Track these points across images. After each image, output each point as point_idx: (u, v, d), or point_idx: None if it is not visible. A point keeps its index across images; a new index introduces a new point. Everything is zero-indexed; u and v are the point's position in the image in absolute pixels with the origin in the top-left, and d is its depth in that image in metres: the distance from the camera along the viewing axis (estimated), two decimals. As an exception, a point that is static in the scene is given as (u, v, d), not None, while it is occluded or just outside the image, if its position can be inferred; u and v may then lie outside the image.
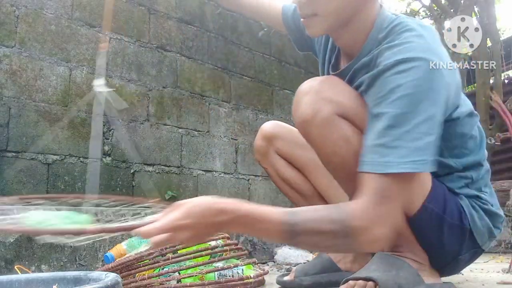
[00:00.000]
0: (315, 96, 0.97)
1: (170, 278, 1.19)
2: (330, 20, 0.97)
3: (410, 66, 0.84)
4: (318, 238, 0.81)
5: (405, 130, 0.82)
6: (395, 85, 0.84)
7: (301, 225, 0.80)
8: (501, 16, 9.33)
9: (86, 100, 2.02)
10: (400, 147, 0.81)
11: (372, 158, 0.84)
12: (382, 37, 0.96)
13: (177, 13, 2.62)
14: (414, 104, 0.82)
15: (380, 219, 0.81)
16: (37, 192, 1.90)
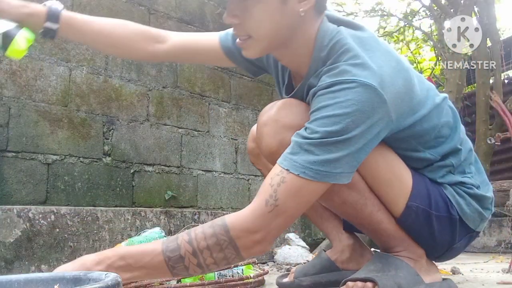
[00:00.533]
0: (275, 125, 0.97)
1: (170, 278, 1.19)
2: (265, 42, 0.95)
3: (341, 88, 0.85)
4: (203, 256, 0.81)
5: (321, 141, 0.83)
6: (325, 103, 0.86)
7: (183, 247, 0.81)
8: (501, 16, 9.33)
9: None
10: (310, 153, 0.83)
11: (286, 152, 0.86)
12: (324, 56, 0.95)
13: (177, 13, 2.62)
14: (339, 124, 0.83)
15: (262, 228, 0.83)
16: (36, 192, 1.90)
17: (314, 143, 0.84)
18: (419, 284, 1.01)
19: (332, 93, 0.86)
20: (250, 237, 0.83)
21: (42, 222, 1.61)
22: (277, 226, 0.84)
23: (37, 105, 1.95)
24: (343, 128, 0.83)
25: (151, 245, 0.84)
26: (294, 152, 0.85)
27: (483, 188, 1.09)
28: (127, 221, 1.86)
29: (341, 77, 0.86)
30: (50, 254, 1.61)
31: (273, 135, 0.96)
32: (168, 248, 0.81)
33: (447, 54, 3.68)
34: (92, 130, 2.13)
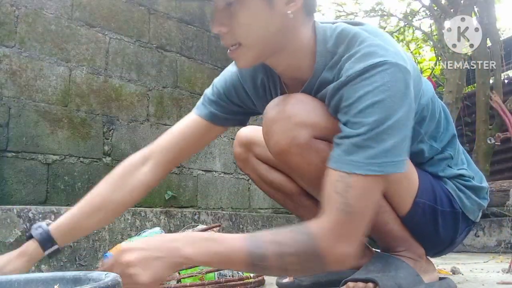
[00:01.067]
0: (287, 122, 0.91)
1: (170, 278, 1.19)
2: (256, 49, 0.90)
3: (375, 72, 0.81)
4: (289, 261, 0.78)
5: (372, 133, 0.79)
6: (363, 92, 0.81)
7: (267, 248, 0.77)
8: (501, 16, 9.33)
9: None
10: (367, 148, 0.79)
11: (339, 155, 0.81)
12: (331, 47, 0.91)
13: (177, 13, 2.62)
14: (385, 110, 0.80)
15: (345, 237, 0.79)
16: (36, 192, 1.90)
17: (368, 136, 0.79)
18: (419, 284, 1.01)
19: (367, 79, 0.82)
20: (337, 249, 0.79)
21: (42, 222, 1.61)
22: (358, 231, 0.81)
23: (37, 105, 1.95)
24: (390, 112, 0.80)
25: (235, 238, 0.80)
26: (350, 152, 0.80)
27: (477, 179, 1.10)
28: (127, 221, 1.86)
29: (370, 61, 0.82)
30: (50, 254, 1.61)
31: (284, 132, 0.91)
32: (252, 244, 0.78)
33: (447, 54, 3.68)
34: (92, 130, 2.13)
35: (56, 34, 2.06)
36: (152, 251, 0.75)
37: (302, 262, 0.78)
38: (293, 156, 0.91)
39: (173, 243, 0.77)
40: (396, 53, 0.84)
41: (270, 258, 0.77)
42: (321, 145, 0.91)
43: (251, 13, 0.86)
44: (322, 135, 0.91)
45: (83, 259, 1.68)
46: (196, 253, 0.76)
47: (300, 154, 0.90)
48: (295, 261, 0.78)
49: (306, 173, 0.94)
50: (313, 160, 0.91)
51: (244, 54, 0.92)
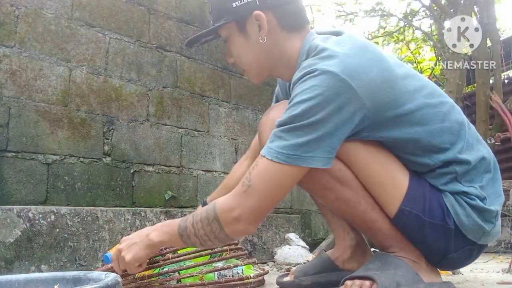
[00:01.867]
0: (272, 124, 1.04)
1: (170, 278, 1.19)
2: (255, 71, 1.15)
3: (307, 78, 0.93)
4: (197, 227, 0.98)
5: (290, 127, 0.91)
6: (294, 94, 0.95)
7: (188, 219, 1.00)
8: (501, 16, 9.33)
9: None
10: (281, 139, 0.92)
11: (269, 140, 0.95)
12: (303, 61, 1.03)
13: (177, 13, 2.62)
14: (305, 108, 0.90)
15: (240, 209, 0.93)
16: (36, 192, 1.90)
17: (284, 129, 0.92)
18: (418, 283, 1.01)
19: (300, 84, 0.94)
20: (229, 214, 0.94)
21: (42, 222, 1.61)
22: (251, 206, 0.93)
23: (37, 105, 1.95)
24: (306, 111, 0.91)
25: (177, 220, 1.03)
26: (270, 140, 0.95)
27: (490, 201, 1.04)
28: (127, 221, 1.86)
29: (307, 69, 0.95)
30: (50, 254, 1.61)
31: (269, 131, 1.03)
32: (182, 220, 1.01)
33: (447, 54, 3.68)
34: (92, 130, 2.13)
35: (56, 34, 2.06)
36: (132, 239, 1.06)
37: (206, 228, 0.97)
38: None
39: (144, 231, 1.06)
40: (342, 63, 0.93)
41: (188, 228, 0.99)
42: None
43: (237, 47, 1.12)
44: None
45: (83, 259, 1.68)
46: (156, 236, 1.04)
47: None
48: (201, 226, 0.97)
49: None
50: None
51: (249, 75, 1.19)
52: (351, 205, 1.04)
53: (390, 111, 0.98)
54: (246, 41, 1.09)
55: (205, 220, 0.97)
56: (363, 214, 1.04)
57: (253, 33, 1.07)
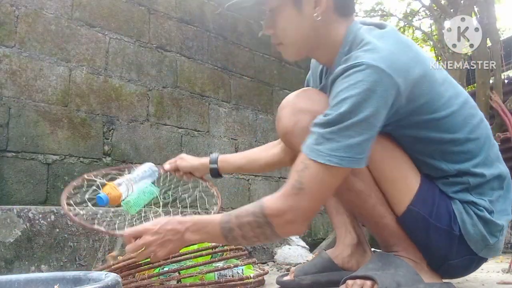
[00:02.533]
0: (292, 108, 1.05)
1: (170, 278, 1.19)
2: (295, 48, 1.10)
3: (352, 72, 0.91)
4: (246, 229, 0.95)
5: (340, 127, 0.89)
6: (339, 89, 0.92)
7: (232, 221, 0.96)
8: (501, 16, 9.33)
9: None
10: (332, 141, 0.89)
11: (310, 142, 0.93)
12: (346, 51, 1.02)
13: (177, 13, 2.62)
14: (352, 105, 0.88)
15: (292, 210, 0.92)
16: (36, 193, 1.90)
17: (334, 130, 0.89)
18: (419, 283, 1.01)
19: (344, 78, 0.92)
20: (281, 218, 0.93)
21: (42, 222, 1.61)
22: (304, 208, 0.93)
23: (37, 105, 1.95)
24: (355, 108, 0.88)
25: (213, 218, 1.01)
26: (318, 142, 0.91)
27: (497, 216, 1.04)
28: (127, 221, 1.86)
29: (352, 62, 0.92)
30: (50, 254, 1.61)
31: (289, 116, 1.04)
32: (223, 221, 0.98)
33: (447, 54, 3.68)
34: (92, 130, 2.13)
35: (56, 34, 2.06)
36: (164, 234, 0.98)
37: (256, 231, 0.95)
38: (295, 137, 1.04)
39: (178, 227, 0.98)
40: (387, 58, 0.91)
41: (235, 230, 0.96)
42: None
43: (286, 18, 1.05)
44: None
45: (83, 259, 1.68)
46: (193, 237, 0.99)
47: (301, 135, 1.00)
48: (250, 229, 0.95)
49: None
50: None
51: (285, 51, 1.12)
52: (362, 197, 1.04)
53: (423, 113, 0.99)
54: (298, 14, 1.04)
55: (254, 223, 0.95)
56: (373, 208, 1.05)
57: (308, 8, 1.03)
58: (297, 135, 1.03)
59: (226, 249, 1.28)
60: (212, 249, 1.27)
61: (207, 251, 1.26)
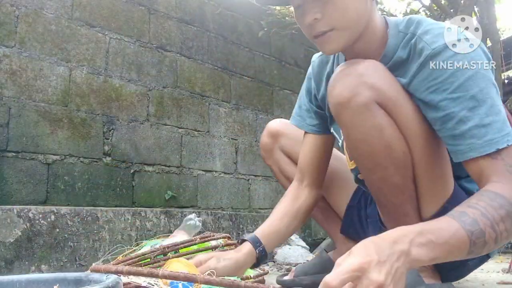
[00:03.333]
0: (357, 78, 0.91)
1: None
2: (349, 32, 0.93)
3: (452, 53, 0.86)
4: (496, 231, 0.75)
5: (488, 105, 0.82)
6: (456, 68, 0.84)
7: (480, 221, 0.74)
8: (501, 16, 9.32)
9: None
10: (493, 123, 0.82)
11: (470, 142, 0.83)
12: (403, 28, 0.95)
13: (177, 13, 2.62)
14: (483, 81, 0.83)
15: None
16: (36, 192, 1.90)
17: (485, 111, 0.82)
18: (420, 285, 1.00)
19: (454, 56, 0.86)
20: None
21: (42, 222, 1.61)
22: None
23: (37, 105, 1.95)
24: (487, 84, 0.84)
25: (441, 221, 0.76)
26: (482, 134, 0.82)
27: None
28: (127, 221, 1.86)
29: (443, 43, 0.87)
30: (50, 254, 1.61)
31: (350, 86, 0.91)
32: (465, 223, 0.74)
33: (447, 54, 3.67)
34: (92, 130, 2.13)
35: (56, 34, 2.06)
36: (390, 261, 0.66)
37: (509, 226, 0.77)
38: (349, 111, 0.92)
39: (399, 245, 0.69)
40: None
41: (487, 231, 0.75)
42: (378, 112, 0.92)
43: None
44: (384, 104, 0.92)
45: (83, 259, 1.68)
46: (423, 252, 0.70)
47: (356, 111, 0.91)
48: (506, 230, 0.76)
49: (354, 132, 0.95)
50: (366, 122, 0.92)
51: (336, 38, 0.93)
52: (394, 191, 0.97)
53: None
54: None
55: (507, 218, 0.76)
56: (400, 205, 0.99)
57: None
58: (352, 109, 0.91)
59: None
60: (212, 249, 1.27)
61: (207, 251, 1.26)
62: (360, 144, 0.94)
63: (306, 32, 0.96)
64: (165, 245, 1.25)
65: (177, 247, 1.24)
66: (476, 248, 0.75)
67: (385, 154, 0.92)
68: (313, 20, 0.91)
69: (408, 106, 0.93)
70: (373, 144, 0.92)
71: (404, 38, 0.95)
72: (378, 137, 0.92)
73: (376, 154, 0.93)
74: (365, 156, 0.96)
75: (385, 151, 0.92)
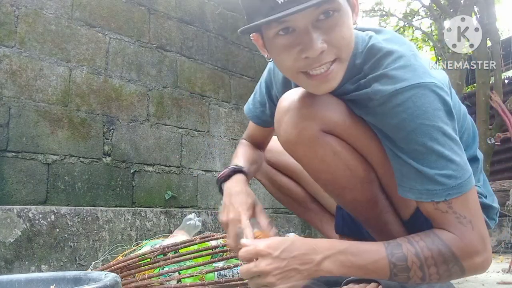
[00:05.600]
0: (297, 113, 0.89)
1: (170, 278, 1.19)
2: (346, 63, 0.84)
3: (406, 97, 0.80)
4: (424, 270, 0.79)
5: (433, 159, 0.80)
6: (398, 120, 0.81)
7: (406, 259, 0.78)
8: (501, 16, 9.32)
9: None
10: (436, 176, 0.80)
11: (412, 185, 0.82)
12: (359, 63, 0.89)
13: (177, 13, 2.62)
14: (426, 135, 0.79)
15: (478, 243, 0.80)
16: (36, 192, 1.90)
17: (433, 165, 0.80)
18: (421, 285, 1.00)
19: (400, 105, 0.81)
20: (474, 259, 0.80)
21: (42, 222, 1.61)
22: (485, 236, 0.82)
23: (37, 105, 1.95)
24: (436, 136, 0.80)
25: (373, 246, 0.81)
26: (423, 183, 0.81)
27: (489, 198, 1.06)
28: (127, 221, 1.86)
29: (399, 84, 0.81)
30: (50, 254, 1.61)
31: (293, 122, 0.90)
32: (393, 255, 0.79)
33: (447, 54, 3.69)
34: (92, 130, 2.13)
35: (56, 34, 2.06)
36: (289, 262, 0.77)
37: (441, 272, 0.80)
38: (300, 147, 0.92)
39: (312, 255, 0.78)
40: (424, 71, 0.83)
41: (413, 269, 0.79)
42: (328, 139, 0.91)
43: (348, 24, 0.81)
44: (331, 130, 0.91)
45: (83, 259, 1.68)
46: (335, 268, 0.79)
47: (306, 145, 0.91)
48: (436, 271, 0.79)
49: (312, 165, 0.96)
50: (319, 153, 0.92)
51: (340, 69, 0.84)
52: (368, 206, 0.99)
53: None
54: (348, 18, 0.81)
55: (442, 266, 0.79)
56: (378, 216, 1.01)
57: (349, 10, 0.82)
58: (302, 144, 0.91)
59: (226, 249, 1.28)
60: (212, 249, 1.27)
61: (207, 251, 1.26)
62: (321, 174, 0.96)
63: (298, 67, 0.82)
64: (165, 245, 1.25)
65: (177, 247, 1.24)
66: (398, 279, 0.80)
67: (348, 176, 0.93)
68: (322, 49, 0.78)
69: (358, 124, 0.91)
70: (333, 171, 0.93)
71: (357, 74, 0.89)
72: (335, 163, 0.92)
73: (339, 179, 0.94)
74: (330, 183, 0.98)
75: (348, 175, 0.93)
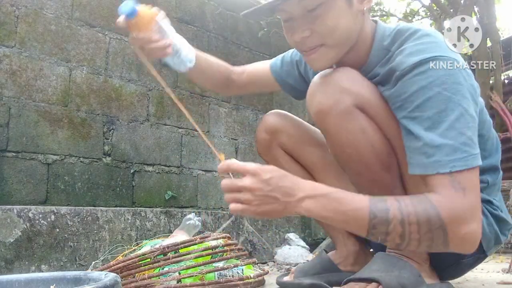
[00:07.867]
0: (333, 86, 0.94)
1: (170, 278, 1.19)
2: (338, 48, 0.94)
3: (428, 67, 0.83)
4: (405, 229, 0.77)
5: (443, 128, 0.80)
6: (418, 87, 0.83)
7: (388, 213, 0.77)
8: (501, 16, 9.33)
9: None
10: (444, 146, 0.80)
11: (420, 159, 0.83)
12: (388, 44, 0.95)
13: (177, 13, 2.62)
14: (443, 103, 0.81)
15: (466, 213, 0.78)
16: (36, 192, 1.90)
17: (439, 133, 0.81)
18: (421, 285, 1.00)
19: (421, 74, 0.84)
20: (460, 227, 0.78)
21: (42, 222, 1.61)
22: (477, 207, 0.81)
23: (37, 105, 1.95)
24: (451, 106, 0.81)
25: (358, 196, 0.80)
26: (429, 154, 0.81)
27: (505, 213, 1.06)
28: (127, 221, 1.86)
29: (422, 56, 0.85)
30: (50, 254, 1.61)
31: (329, 94, 0.93)
32: (376, 206, 0.78)
33: (447, 54, 3.67)
34: (92, 130, 2.13)
35: (56, 34, 2.06)
36: (273, 189, 0.76)
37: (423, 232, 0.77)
38: (331, 118, 0.94)
39: (296, 191, 0.78)
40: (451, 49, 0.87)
41: (393, 223, 0.77)
42: (359, 115, 0.94)
43: (336, 14, 0.90)
44: (363, 107, 0.94)
45: (83, 259, 1.68)
46: (317, 208, 0.77)
47: (338, 117, 0.93)
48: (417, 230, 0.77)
49: (339, 137, 0.96)
50: (350, 127, 0.94)
51: (325, 55, 0.94)
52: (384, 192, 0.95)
53: None
54: (348, 8, 0.91)
55: (424, 225, 0.77)
56: None
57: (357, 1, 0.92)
58: (334, 116, 0.93)
59: (226, 249, 1.28)
60: (212, 249, 1.27)
61: (207, 251, 1.26)
62: (346, 148, 0.96)
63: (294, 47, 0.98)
64: (165, 245, 1.25)
65: (177, 247, 1.24)
66: (376, 232, 0.78)
67: (372, 155, 0.94)
68: (302, 38, 0.92)
69: (387, 109, 0.94)
70: (359, 147, 0.94)
71: (386, 56, 0.95)
72: (363, 140, 0.94)
73: (363, 156, 0.95)
74: (353, 159, 0.97)
75: (371, 152, 0.94)
